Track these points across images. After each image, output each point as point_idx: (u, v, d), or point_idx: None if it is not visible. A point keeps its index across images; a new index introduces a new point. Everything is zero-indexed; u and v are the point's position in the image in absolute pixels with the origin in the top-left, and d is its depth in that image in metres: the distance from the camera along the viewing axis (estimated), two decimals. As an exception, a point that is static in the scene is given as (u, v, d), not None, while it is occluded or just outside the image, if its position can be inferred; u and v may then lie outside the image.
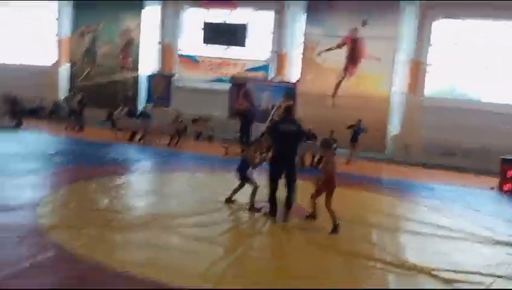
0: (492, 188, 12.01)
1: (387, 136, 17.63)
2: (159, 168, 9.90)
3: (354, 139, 14.51)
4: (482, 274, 4.69)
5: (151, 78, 20.18)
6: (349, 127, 14.50)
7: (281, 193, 6.25)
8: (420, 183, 11.77)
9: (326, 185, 5.93)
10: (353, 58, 17.82)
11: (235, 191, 6.87)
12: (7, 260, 3.77)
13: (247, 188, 6.68)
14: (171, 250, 4.52)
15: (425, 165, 16.12)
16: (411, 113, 17.46)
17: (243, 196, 7.38)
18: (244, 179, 6.73)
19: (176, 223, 5.49)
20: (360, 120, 14.64)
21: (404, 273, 4.54)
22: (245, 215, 6.29)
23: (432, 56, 17.57)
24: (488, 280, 4.52)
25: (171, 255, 4.36)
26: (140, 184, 8.01)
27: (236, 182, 6.84)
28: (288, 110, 6.46)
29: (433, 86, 17.97)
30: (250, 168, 6.76)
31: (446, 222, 7.13)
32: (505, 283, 4.53)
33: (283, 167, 6.13)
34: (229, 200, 6.84)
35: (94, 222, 5.18)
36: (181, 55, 20.11)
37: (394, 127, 17.79)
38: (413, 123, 17.43)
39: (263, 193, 6.43)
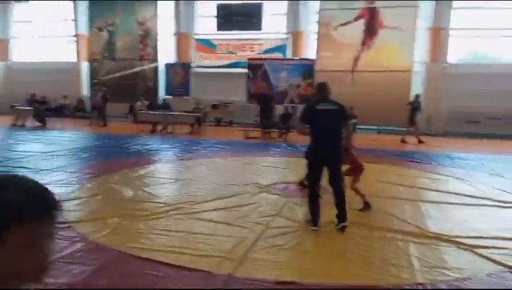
0: (520, 153, 11.73)
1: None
2: (181, 156, 10.06)
3: (413, 116, 13.86)
4: (505, 239, 4.64)
5: (169, 68, 20.34)
6: (409, 103, 13.97)
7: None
8: (444, 153, 11.56)
9: (353, 169, 5.91)
10: (371, 30, 17.42)
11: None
12: (38, 254, 3.97)
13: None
14: (194, 235, 4.63)
15: (449, 135, 15.79)
16: (433, 83, 17.01)
17: (264, 179, 7.50)
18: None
19: (198, 208, 5.62)
20: (417, 95, 14.13)
21: (426, 242, 4.53)
22: (265, 197, 6.35)
23: (454, 21, 17.00)
24: (511, 244, 4.47)
25: (194, 240, 4.47)
26: (162, 173, 8.18)
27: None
28: (323, 88, 5.06)
29: (456, 53, 17.44)
30: None
31: (469, 189, 7.06)
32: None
33: (325, 161, 4.87)
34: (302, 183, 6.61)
35: (119, 213, 5.35)
36: (197, 40, 20.13)
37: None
38: (435, 93, 16.99)
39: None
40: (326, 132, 4.84)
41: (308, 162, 5.01)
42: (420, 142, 13.65)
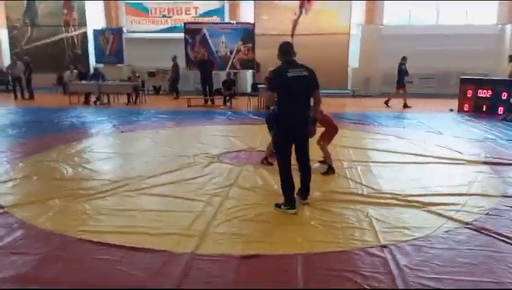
0: (451, 110, 12.41)
1: (348, 71, 17.60)
2: (121, 129, 9.46)
3: (400, 79, 13.34)
4: (456, 195, 4.83)
5: (99, 34, 18.97)
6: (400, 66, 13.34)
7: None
8: (383, 113, 11.92)
9: (329, 131, 5.94)
10: (308, -7, 17.28)
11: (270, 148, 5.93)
12: (-28, 247, 3.52)
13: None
14: (147, 212, 4.35)
15: (385, 95, 16.30)
16: (369, 45, 17.37)
17: (214, 149, 7.29)
18: (270, 129, 5.65)
19: (147, 183, 5.29)
20: (403, 57, 13.48)
21: (382, 203, 4.59)
22: (218, 167, 6.13)
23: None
24: (462, 200, 4.66)
25: (148, 218, 4.19)
26: (103, 147, 7.66)
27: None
28: (289, 50, 4.43)
29: (391, 15, 17.85)
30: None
31: (413, 148, 7.32)
32: (478, 200, 4.68)
33: (296, 134, 4.43)
34: (265, 160, 6.11)
35: (60, 193, 4.91)
36: (127, 3, 18.92)
37: (354, 61, 17.71)
38: (372, 54, 17.39)
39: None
40: (297, 102, 4.30)
41: (278, 136, 4.50)
42: (406, 106, 13.25)
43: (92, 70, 16.98)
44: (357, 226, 3.99)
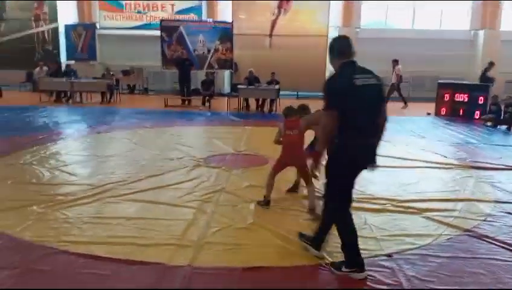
0: (428, 114, 12.55)
1: (326, 73, 17.59)
2: (96, 129, 9.03)
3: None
4: (451, 200, 4.80)
5: (71, 29, 18.26)
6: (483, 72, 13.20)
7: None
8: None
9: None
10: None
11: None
12: None
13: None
14: (135, 220, 4.08)
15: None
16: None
17: (198, 151, 7.03)
18: None
19: (131, 189, 5.01)
20: (490, 62, 13.22)
21: (378, 209, 4.50)
22: (205, 171, 5.87)
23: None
24: (458, 205, 4.62)
25: (136, 227, 3.93)
26: (80, 149, 7.27)
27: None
28: (349, 47, 3.17)
29: (368, 18, 17.99)
30: None
31: (398, 152, 7.24)
32: (473, 206, 4.65)
33: (366, 163, 3.16)
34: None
35: (38, 199, 4.57)
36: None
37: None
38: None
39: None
40: (368, 121, 3.02)
41: (338, 174, 3.11)
42: None
43: (63, 67, 16.32)
44: (358, 234, 3.85)
